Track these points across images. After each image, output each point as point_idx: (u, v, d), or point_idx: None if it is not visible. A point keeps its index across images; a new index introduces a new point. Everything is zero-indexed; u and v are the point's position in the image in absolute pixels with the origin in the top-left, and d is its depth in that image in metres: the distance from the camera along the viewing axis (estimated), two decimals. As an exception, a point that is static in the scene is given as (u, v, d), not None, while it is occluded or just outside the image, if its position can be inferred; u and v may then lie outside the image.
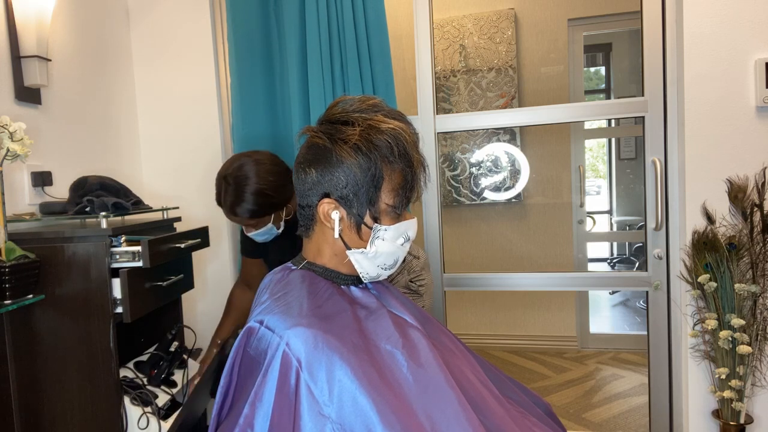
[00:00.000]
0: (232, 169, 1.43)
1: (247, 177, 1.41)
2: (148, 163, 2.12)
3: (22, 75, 1.53)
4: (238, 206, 1.42)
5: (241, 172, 1.42)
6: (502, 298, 3.39)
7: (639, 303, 4.06)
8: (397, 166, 0.87)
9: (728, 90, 1.57)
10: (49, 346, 1.35)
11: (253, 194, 1.41)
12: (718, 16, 1.56)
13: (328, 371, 0.76)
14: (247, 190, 1.41)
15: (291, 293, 0.87)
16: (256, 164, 1.43)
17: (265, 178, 1.42)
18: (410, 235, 0.93)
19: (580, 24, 3.17)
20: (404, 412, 0.76)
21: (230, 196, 1.42)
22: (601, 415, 2.49)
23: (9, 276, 1.21)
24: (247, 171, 1.42)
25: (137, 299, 1.36)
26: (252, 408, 0.76)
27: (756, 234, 1.53)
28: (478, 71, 3.20)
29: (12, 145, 1.27)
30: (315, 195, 0.89)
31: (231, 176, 1.42)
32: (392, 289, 1.01)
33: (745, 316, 1.52)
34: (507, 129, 3.21)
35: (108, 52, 1.96)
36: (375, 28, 1.84)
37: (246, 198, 1.41)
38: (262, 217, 1.46)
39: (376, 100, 0.91)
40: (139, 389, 1.43)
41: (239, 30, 1.94)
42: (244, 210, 1.42)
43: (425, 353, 0.85)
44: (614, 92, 4.34)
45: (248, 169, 1.42)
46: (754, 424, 1.59)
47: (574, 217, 3.23)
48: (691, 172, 1.61)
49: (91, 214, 1.41)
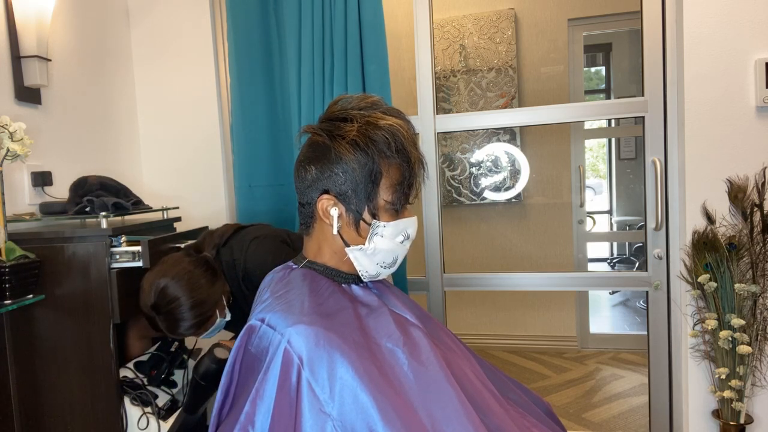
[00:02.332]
0: (158, 298, 1.29)
1: (176, 298, 1.29)
2: (148, 163, 2.12)
3: (22, 75, 1.53)
4: (180, 327, 1.31)
5: (167, 296, 1.29)
6: (502, 298, 3.39)
7: (639, 303, 4.06)
8: (394, 162, 0.87)
9: (728, 90, 1.57)
10: (49, 346, 1.35)
11: (191, 309, 1.30)
12: (718, 16, 1.56)
13: (330, 369, 0.76)
14: (182, 310, 1.29)
15: (292, 291, 0.87)
16: (177, 279, 1.30)
17: (195, 287, 1.31)
18: (410, 233, 0.93)
19: (580, 24, 3.17)
20: (405, 410, 0.76)
21: (167, 323, 1.31)
22: (601, 415, 2.49)
23: (9, 276, 1.21)
24: (173, 292, 1.29)
25: (129, 300, 1.36)
26: (253, 405, 0.76)
27: (756, 234, 1.53)
28: (478, 71, 3.20)
29: (12, 145, 1.27)
30: (314, 192, 0.89)
31: (160, 305, 1.29)
32: (393, 288, 1.01)
33: (745, 316, 1.52)
34: (507, 129, 3.21)
35: (108, 52, 1.96)
36: (371, 28, 1.83)
37: (184, 317, 1.30)
38: (207, 322, 1.36)
39: (375, 98, 0.92)
40: (139, 389, 1.42)
41: (239, 30, 1.94)
42: (188, 328, 1.32)
43: (426, 351, 0.85)
44: (614, 92, 4.34)
45: (173, 290, 1.29)
46: (754, 424, 1.59)
47: (574, 217, 3.23)
48: (691, 172, 1.61)
49: (91, 214, 1.41)
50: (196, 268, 1.34)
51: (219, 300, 1.37)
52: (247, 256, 1.38)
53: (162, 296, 1.29)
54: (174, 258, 1.37)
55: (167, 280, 1.29)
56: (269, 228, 1.51)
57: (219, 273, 1.39)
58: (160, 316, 1.30)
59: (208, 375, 1.30)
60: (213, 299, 1.34)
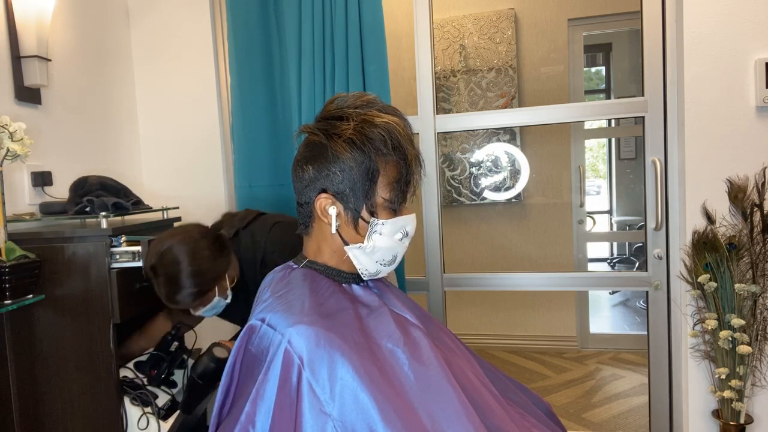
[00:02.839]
0: (158, 258, 1.27)
1: (177, 262, 1.26)
2: (148, 163, 2.12)
3: (22, 75, 1.53)
4: (178, 294, 1.28)
5: (169, 258, 1.27)
6: (502, 298, 3.39)
7: (639, 303, 4.06)
8: (391, 159, 0.87)
9: (728, 90, 1.57)
10: (49, 346, 1.35)
11: (188, 278, 1.27)
12: (718, 16, 1.56)
13: (330, 369, 0.76)
14: (182, 275, 1.26)
15: (293, 291, 0.87)
16: (183, 244, 1.28)
17: (197, 255, 1.28)
18: (409, 230, 0.93)
19: (580, 24, 3.17)
20: (405, 410, 0.76)
21: (164, 287, 1.28)
22: (601, 415, 2.49)
23: (9, 276, 1.21)
24: (176, 254, 1.27)
25: (129, 300, 1.36)
26: (253, 405, 0.76)
27: (756, 234, 1.53)
28: (478, 71, 3.20)
29: (12, 145, 1.27)
30: (312, 191, 0.89)
31: (159, 266, 1.27)
32: (393, 288, 1.01)
33: (745, 316, 1.52)
34: (507, 129, 3.21)
35: (108, 52, 1.96)
36: (371, 28, 1.83)
37: (182, 284, 1.27)
38: (204, 296, 1.33)
39: (371, 96, 0.92)
40: (139, 389, 1.42)
41: (239, 30, 1.94)
42: (185, 296, 1.28)
43: (426, 351, 0.85)
44: (614, 92, 4.34)
45: (177, 252, 1.27)
46: (754, 424, 1.59)
47: (574, 217, 3.23)
48: (691, 172, 1.61)
49: (91, 214, 1.41)
50: (204, 238, 1.33)
51: (221, 276, 1.34)
52: (269, 238, 1.40)
53: (163, 258, 1.27)
54: (185, 226, 1.38)
55: (171, 243, 1.28)
56: (290, 216, 1.54)
57: (228, 252, 1.37)
58: (159, 279, 1.27)
59: (206, 374, 1.30)
60: (214, 273, 1.32)
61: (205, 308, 1.36)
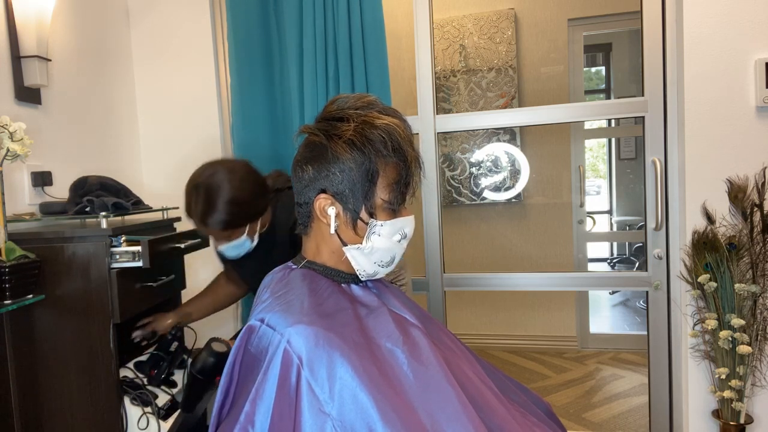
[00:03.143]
0: (204, 178, 1.32)
1: (219, 186, 1.30)
2: (148, 163, 2.12)
3: (22, 75, 1.53)
4: (210, 216, 1.31)
5: (213, 180, 1.31)
6: (502, 298, 3.39)
7: (639, 303, 4.06)
8: (391, 161, 0.87)
9: (728, 90, 1.57)
10: (49, 346, 1.35)
11: (227, 203, 1.30)
12: (718, 16, 1.56)
13: (329, 369, 0.76)
14: (220, 199, 1.29)
15: (292, 292, 0.87)
16: (230, 172, 1.32)
17: (239, 186, 1.32)
18: (407, 232, 0.93)
19: (580, 24, 3.17)
20: (405, 410, 0.76)
21: (201, 206, 1.31)
22: (601, 415, 2.49)
23: (9, 276, 1.21)
24: (220, 179, 1.30)
25: (129, 299, 1.36)
26: (253, 405, 0.76)
27: (756, 234, 1.53)
28: (478, 71, 3.20)
29: (12, 145, 1.27)
30: (311, 191, 0.89)
31: (202, 185, 1.31)
32: (392, 288, 1.01)
33: (745, 316, 1.52)
34: (507, 129, 3.21)
35: (108, 52, 1.96)
36: (371, 28, 1.84)
37: (219, 207, 1.30)
38: (235, 229, 1.35)
39: (372, 97, 0.92)
40: (139, 389, 1.43)
41: (239, 30, 1.94)
42: (216, 220, 1.31)
43: (426, 351, 0.85)
44: (614, 92, 4.34)
45: (221, 178, 1.31)
46: (754, 424, 1.59)
47: (574, 217, 3.23)
48: (691, 172, 1.61)
49: (91, 214, 1.41)
50: (252, 176, 1.38)
51: (255, 217, 1.38)
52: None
53: (209, 177, 1.32)
54: (236, 159, 1.42)
55: (221, 168, 1.33)
56: None
57: (267, 199, 1.42)
58: (198, 198, 1.31)
59: (206, 369, 1.30)
60: (250, 210, 1.36)
61: (229, 244, 1.39)
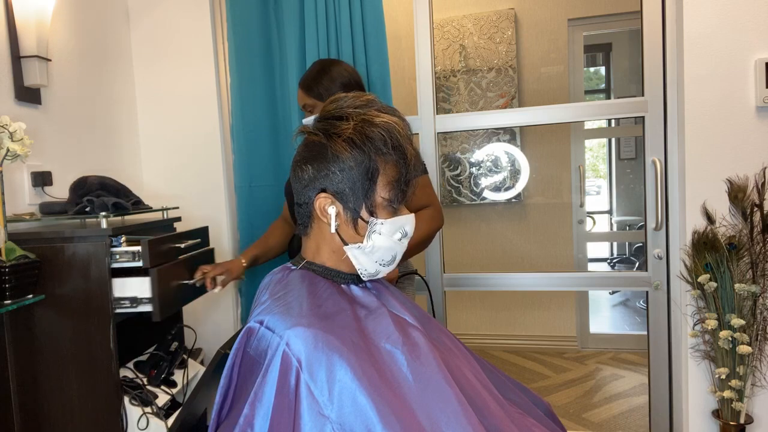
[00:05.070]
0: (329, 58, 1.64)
1: (339, 63, 1.53)
2: (148, 163, 2.12)
3: (22, 75, 1.53)
4: (321, 77, 1.49)
5: (335, 60, 1.56)
6: (502, 298, 3.39)
7: (639, 303, 4.06)
8: (391, 159, 0.88)
9: (728, 90, 1.57)
10: (49, 346, 1.35)
11: (339, 74, 1.50)
12: (718, 16, 1.56)
13: (328, 371, 0.76)
14: (334, 69, 1.51)
15: (291, 293, 0.87)
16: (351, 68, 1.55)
17: (355, 73, 1.54)
18: (408, 230, 0.93)
19: (580, 24, 3.17)
20: (404, 412, 0.76)
21: (316, 67, 1.53)
22: (601, 415, 2.49)
23: (9, 276, 1.21)
24: (341, 62, 1.54)
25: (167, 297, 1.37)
26: (252, 408, 0.76)
27: (756, 234, 1.53)
28: (478, 71, 3.20)
29: (12, 145, 1.27)
30: (311, 191, 0.89)
31: (325, 59, 1.58)
32: (392, 289, 1.01)
33: (745, 316, 1.52)
34: (507, 129, 3.21)
35: (108, 52, 1.96)
36: (372, 28, 1.84)
37: (332, 74, 1.49)
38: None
39: (371, 96, 0.92)
40: (139, 389, 1.43)
41: (239, 30, 1.94)
42: (325, 86, 1.48)
43: (425, 353, 0.85)
44: (614, 92, 4.33)
45: (342, 62, 1.55)
46: (754, 424, 1.59)
47: (574, 217, 3.23)
48: (691, 172, 1.61)
49: (91, 214, 1.41)
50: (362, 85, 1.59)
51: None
52: None
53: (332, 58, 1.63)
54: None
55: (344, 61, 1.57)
56: None
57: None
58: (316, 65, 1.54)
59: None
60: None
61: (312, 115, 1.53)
